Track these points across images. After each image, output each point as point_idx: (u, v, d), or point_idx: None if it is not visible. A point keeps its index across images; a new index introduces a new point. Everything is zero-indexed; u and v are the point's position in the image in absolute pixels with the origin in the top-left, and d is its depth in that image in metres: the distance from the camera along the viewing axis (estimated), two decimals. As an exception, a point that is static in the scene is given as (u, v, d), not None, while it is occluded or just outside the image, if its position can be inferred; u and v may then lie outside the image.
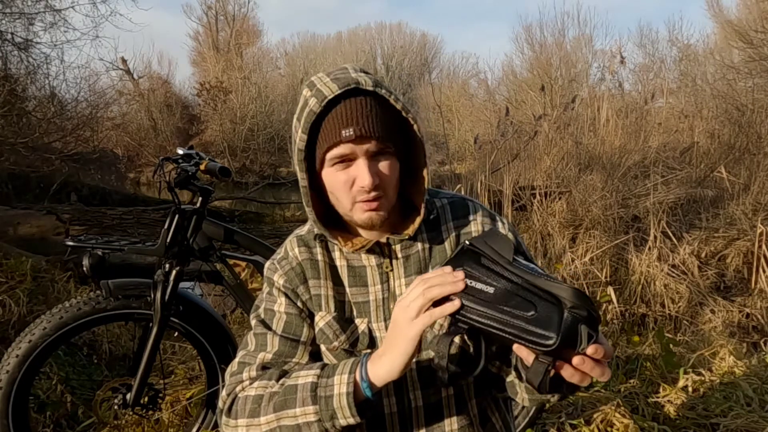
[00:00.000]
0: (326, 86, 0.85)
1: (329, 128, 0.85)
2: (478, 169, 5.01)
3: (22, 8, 6.66)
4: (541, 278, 0.72)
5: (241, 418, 0.87)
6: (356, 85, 0.84)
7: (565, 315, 0.68)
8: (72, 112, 7.65)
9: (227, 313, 3.32)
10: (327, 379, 0.82)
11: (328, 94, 0.84)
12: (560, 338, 0.67)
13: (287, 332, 0.95)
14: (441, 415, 0.97)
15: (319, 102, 0.84)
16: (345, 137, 0.83)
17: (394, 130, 0.88)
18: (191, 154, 1.98)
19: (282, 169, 16.07)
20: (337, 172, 0.87)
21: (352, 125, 0.83)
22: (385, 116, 0.86)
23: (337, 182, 0.88)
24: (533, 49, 14.57)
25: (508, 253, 0.76)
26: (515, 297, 0.72)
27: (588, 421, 2.10)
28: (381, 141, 0.85)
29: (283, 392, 0.84)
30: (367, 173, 0.85)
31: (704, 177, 5.29)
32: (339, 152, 0.85)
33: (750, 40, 8.10)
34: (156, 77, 18.69)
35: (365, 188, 0.86)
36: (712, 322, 3.70)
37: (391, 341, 0.78)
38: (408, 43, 28.48)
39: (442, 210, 1.00)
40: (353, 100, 0.84)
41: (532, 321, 0.69)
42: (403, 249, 0.96)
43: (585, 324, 0.68)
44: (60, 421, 2.21)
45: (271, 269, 1.00)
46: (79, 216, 4.09)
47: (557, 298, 0.70)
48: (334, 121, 0.84)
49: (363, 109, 0.84)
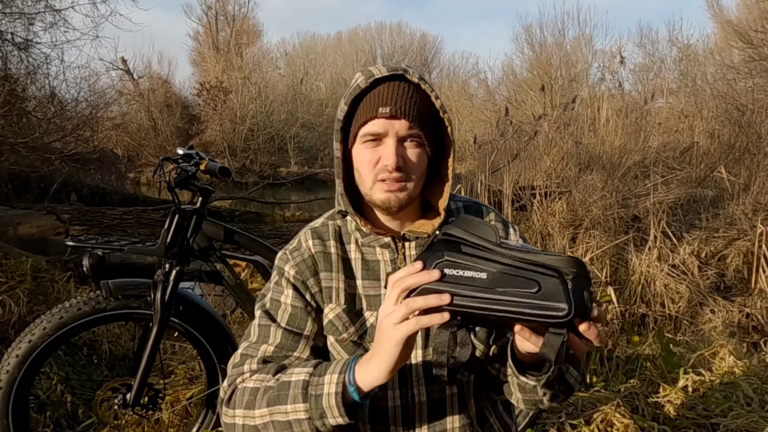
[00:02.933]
0: (377, 68, 0.91)
1: (369, 103, 0.90)
2: (478, 169, 5.02)
3: (22, 8, 6.66)
4: (535, 253, 0.71)
5: (239, 409, 0.88)
6: (404, 72, 0.90)
7: (569, 285, 0.68)
8: (72, 112, 7.64)
9: (227, 313, 3.32)
10: (318, 377, 0.82)
11: (377, 74, 0.90)
12: (573, 308, 0.67)
13: (291, 325, 0.96)
14: (443, 413, 0.98)
15: (366, 78, 0.90)
16: (381, 113, 0.88)
17: (428, 124, 0.92)
18: (191, 154, 1.98)
19: (282, 169, 16.09)
20: (366, 149, 0.91)
21: (390, 104, 0.88)
22: (423, 108, 0.91)
23: (363, 159, 0.92)
24: (533, 49, 14.60)
25: (493, 236, 0.74)
26: (514, 278, 0.71)
27: (588, 421, 2.10)
28: (413, 125, 0.89)
29: (277, 388, 0.85)
30: (393, 153, 0.89)
31: (704, 177, 5.29)
32: (372, 129, 0.90)
33: (750, 40, 8.10)
34: (156, 77, 18.69)
35: (388, 167, 0.89)
36: (712, 322, 3.70)
37: (377, 346, 0.78)
38: (408, 43, 28.48)
39: (457, 212, 1.03)
40: (397, 83, 0.90)
41: (539, 296, 0.69)
42: (418, 247, 0.98)
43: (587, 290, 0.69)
44: (60, 421, 2.21)
45: (282, 259, 1.01)
46: (79, 216, 4.09)
47: (557, 270, 0.69)
48: (375, 97, 0.90)
49: (404, 93, 0.89)
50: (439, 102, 0.92)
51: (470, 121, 12.17)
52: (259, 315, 0.99)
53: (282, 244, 1.13)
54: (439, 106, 0.92)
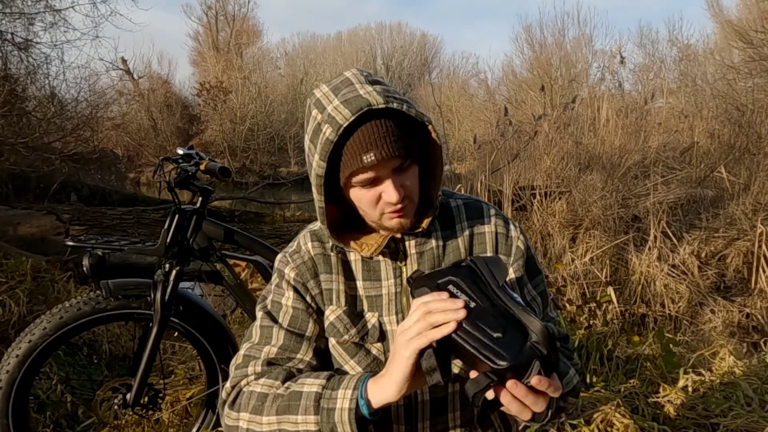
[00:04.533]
0: (338, 112, 0.84)
1: (349, 155, 0.85)
2: (478, 169, 5.02)
3: (22, 8, 6.65)
4: (520, 308, 0.74)
5: (244, 412, 0.88)
6: (368, 107, 0.83)
7: (526, 345, 0.71)
8: (72, 112, 7.64)
9: (227, 313, 3.32)
10: (332, 391, 0.82)
11: (343, 122, 0.83)
12: (511, 364, 0.69)
13: (293, 326, 0.96)
14: (445, 411, 0.98)
15: (335, 131, 0.83)
16: (367, 163, 0.84)
17: (411, 140, 0.88)
18: (191, 154, 1.98)
19: (282, 169, 16.09)
20: (363, 191, 0.89)
21: (372, 150, 0.84)
22: (402, 130, 0.86)
23: (364, 199, 0.90)
24: (533, 49, 14.58)
25: (501, 277, 0.79)
26: (490, 317, 0.74)
27: (588, 421, 2.09)
28: (402, 158, 0.86)
29: (287, 397, 0.85)
30: (393, 191, 0.87)
31: (704, 177, 5.29)
32: (364, 177, 0.87)
33: (750, 40, 8.10)
34: (156, 77, 18.68)
35: (393, 203, 0.88)
36: (712, 322, 3.70)
37: (390, 364, 0.80)
38: (408, 43, 28.47)
39: (457, 210, 1.02)
40: (369, 125, 0.84)
41: (496, 341, 0.72)
42: (418, 245, 0.98)
43: (540, 361, 0.71)
44: (60, 421, 2.21)
45: (282, 262, 1.01)
46: (79, 216, 4.09)
47: (526, 330, 0.72)
48: (354, 148, 0.84)
49: (380, 132, 0.84)
50: (413, 111, 0.86)
51: (470, 121, 12.16)
52: (261, 316, 0.99)
53: (282, 244, 1.13)
54: (414, 115, 0.86)
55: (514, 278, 1.02)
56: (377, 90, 0.85)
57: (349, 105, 0.83)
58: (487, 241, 1.01)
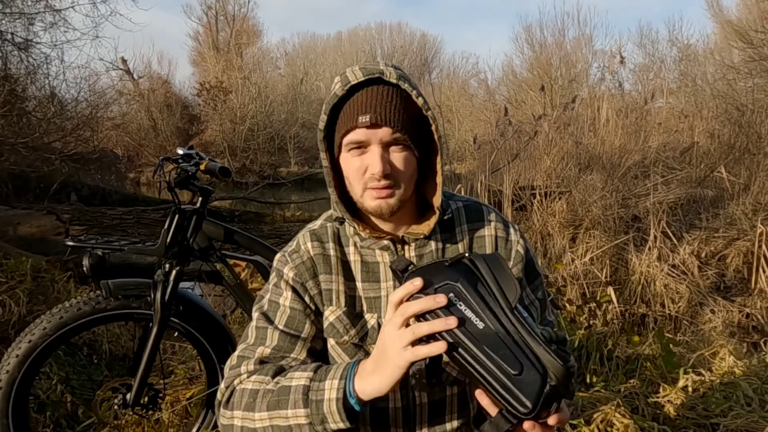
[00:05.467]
0: (353, 73, 0.88)
1: (348, 113, 0.88)
2: (478, 169, 5.02)
3: (22, 8, 6.65)
4: (536, 341, 0.70)
5: (237, 410, 0.88)
6: (380, 75, 0.87)
7: (546, 389, 0.68)
8: (72, 112, 7.63)
9: (227, 313, 3.32)
10: (319, 383, 0.82)
11: (353, 79, 0.87)
12: (536, 410, 0.67)
13: (289, 326, 0.96)
14: (443, 413, 0.98)
15: (343, 86, 0.88)
16: (361, 123, 0.86)
17: (412, 125, 0.90)
18: (191, 154, 1.98)
19: (282, 169, 16.08)
20: (352, 158, 0.90)
21: (369, 111, 0.86)
22: (405, 109, 0.88)
23: (351, 167, 0.91)
24: (533, 49, 14.58)
25: (512, 295, 0.74)
26: (505, 348, 0.70)
27: (588, 421, 2.09)
28: (396, 130, 0.87)
29: (277, 392, 0.84)
30: (378, 161, 0.87)
31: (704, 177, 5.29)
32: (354, 137, 0.88)
33: (750, 40, 8.10)
34: (156, 77, 18.68)
35: (376, 175, 0.88)
36: (712, 322, 3.70)
37: (381, 364, 0.78)
38: (408, 43, 28.48)
39: (457, 212, 1.02)
40: (375, 88, 0.88)
41: (515, 380, 0.69)
42: (417, 248, 0.97)
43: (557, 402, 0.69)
44: (60, 421, 2.21)
45: (281, 261, 1.00)
46: (79, 216, 4.08)
47: (545, 369, 0.69)
48: (354, 106, 0.87)
49: (382, 98, 0.87)
50: (421, 100, 0.89)
51: (470, 121, 12.15)
52: (257, 317, 0.98)
53: (282, 244, 1.13)
54: (421, 104, 0.89)
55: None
56: (396, 72, 0.89)
57: (365, 69, 0.88)
58: (486, 244, 1.01)
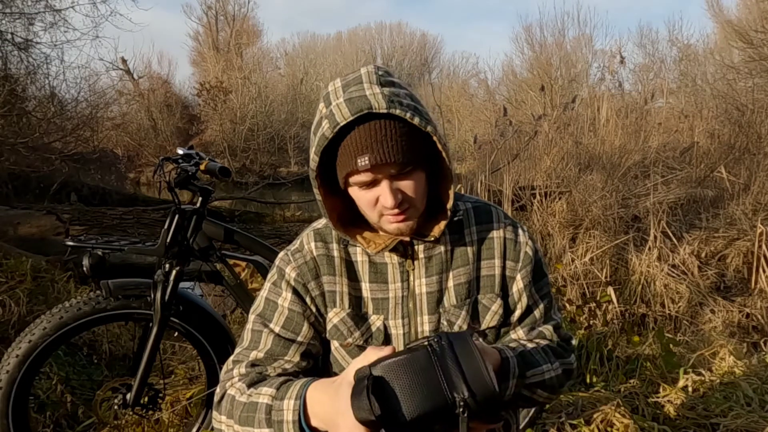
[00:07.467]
0: (339, 110, 0.82)
1: (345, 155, 0.84)
2: (478, 169, 5.02)
3: (22, 8, 6.66)
4: None
5: (223, 416, 0.89)
6: (369, 110, 0.80)
7: None
8: (72, 112, 7.64)
9: (227, 313, 3.32)
10: (279, 401, 0.81)
11: (340, 120, 0.81)
12: None
13: (286, 328, 0.95)
14: None
15: (332, 128, 0.82)
16: (361, 166, 0.82)
17: (415, 147, 0.85)
18: (191, 154, 1.98)
19: (282, 169, 16.08)
20: (361, 191, 0.88)
21: (367, 153, 0.81)
22: (404, 135, 0.83)
23: (362, 200, 0.89)
24: (533, 49, 14.59)
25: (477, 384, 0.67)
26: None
27: (588, 421, 2.09)
28: (399, 164, 0.83)
29: (246, 407, 0.85)
30: (389, 195, 0.85)
31: (704, 177, 5.29)
32: (359, 179, 0.85)
33: (750, 40, 8.10)
34: (156, 77, 18.72)
35: (389, 208, 0.86)
36: (712, 322, 3.70)
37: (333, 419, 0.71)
38: (408, 43, 28.47)
39: (466, 214, 1.01)
40: (368, 126, 0.82)
41: None
42: (426, 249, 0.97)
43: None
44: (60, 421, 2.21)
45: (284, 260, 0.99)
46: (79, 216, 4.08)
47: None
48: (349, 148, 0.83)
49: (377, 135, 0.81)
50: (417, 120, 0.82)
51: (470, 121, 12.17)
52: (253, 320, 0.98)
53: (282, 244, 1.13)
54: (417, 123, 0.83)
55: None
56: (384, 93, 0.82)
57: (351, 105, 0.81)
58: (495, 246, 1.00)
